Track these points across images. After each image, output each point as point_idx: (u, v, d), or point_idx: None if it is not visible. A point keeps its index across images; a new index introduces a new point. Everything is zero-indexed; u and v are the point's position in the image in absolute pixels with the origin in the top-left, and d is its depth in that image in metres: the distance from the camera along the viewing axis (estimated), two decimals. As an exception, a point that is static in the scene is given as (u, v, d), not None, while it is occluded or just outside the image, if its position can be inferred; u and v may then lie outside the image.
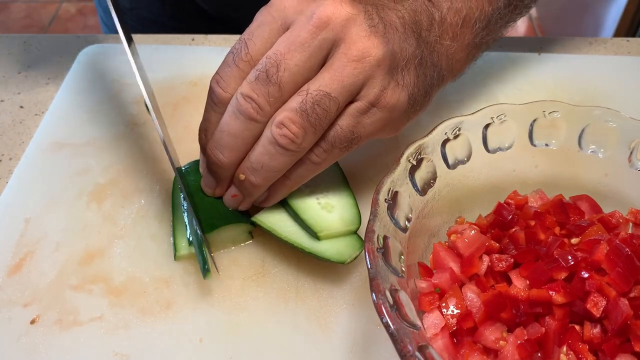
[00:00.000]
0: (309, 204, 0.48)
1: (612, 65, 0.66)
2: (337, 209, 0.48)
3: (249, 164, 0.45)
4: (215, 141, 0.46)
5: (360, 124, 0.45)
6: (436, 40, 0.48)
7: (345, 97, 0.43)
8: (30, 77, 0.67)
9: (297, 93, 0.43)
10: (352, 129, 0.44)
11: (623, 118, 0.46)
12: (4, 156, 0.59)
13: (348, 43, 0.43)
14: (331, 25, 0.42)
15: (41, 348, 0.44)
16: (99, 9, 0.93)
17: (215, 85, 0.46)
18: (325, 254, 0.46)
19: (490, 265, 0.42)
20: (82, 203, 0.53)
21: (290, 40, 0.43)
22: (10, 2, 2.62)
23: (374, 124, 0.45)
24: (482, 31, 0.51)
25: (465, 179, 0.47)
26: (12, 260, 0.49)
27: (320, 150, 0.45)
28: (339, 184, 0.51)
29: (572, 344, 0.38)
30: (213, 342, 0.44)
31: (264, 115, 0.44)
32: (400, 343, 0.33)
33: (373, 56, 0.43)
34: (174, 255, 0.49)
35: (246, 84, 0.44)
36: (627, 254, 0.38)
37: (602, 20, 1.86)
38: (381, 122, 0.45)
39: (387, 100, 0.44)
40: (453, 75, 0.52)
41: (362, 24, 0.43)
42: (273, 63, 0.43)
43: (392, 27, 0.45)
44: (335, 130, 0.44)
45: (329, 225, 0.47)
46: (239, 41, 0.45)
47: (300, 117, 0.43)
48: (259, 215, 0.48)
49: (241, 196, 0.48)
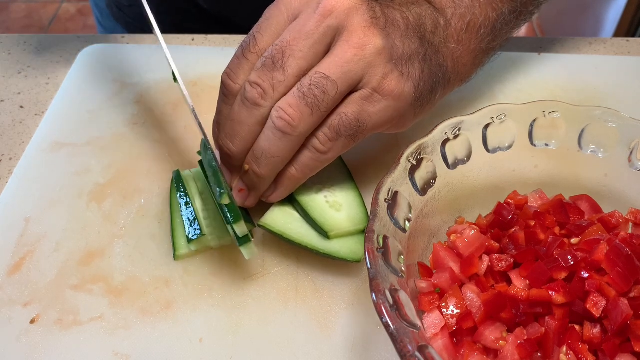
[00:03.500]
0: (317, 202, 0.48)
1: (612, 65, 0.66)
2: (345, 208, 0.48)
3: (252, 153, 0.46)
4: (225, 131, 0.46)
5: (365, 112, 0.45)
6: (441, 42, 0.48)
7: (344, 82, 0.44)
8: (30, 77, 0.67)
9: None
10: (358, 117, 0.45)
11: (623, 118, 0.46)
12: (4, 156, 0.59)
13: (350, 31, 0.44)
14: (335, 14, 0.44)
15: (41, 348, 0.44)
16: (95, 9, 0.93)
17: (225, 78, 0.47)
18: (339, 254, 0.46)
19: (490, 265, 0.42)
20: (82, 203, 0.53)
21: (296, 30, 0.44)
22: (10, 2, 2.62)
23: (379, 112, 0.45)
24: (488, 37, 0.51)
25: (465, 179, 0.47)
26: (12, 259, 0.49)
27: (325, 139, 0.45)
28: (346, 182, 0.51)
29: (572, 344, 0.38)
30: (213, 342, 0.44)
31: (267, 100, 0.44)
32: (400, 343, 0.33)
33: (373, 44, 0.44)
34: (174, 255, 0.49)
35: (254, 72, 0.45)
36: (627, 254, 0.38)
37: (602, 20, 1.86)
38: (387, 112, 0.45)
39: (392, 88, 0.45)
40: (460, 80, 0.52)
41: (364, 14, 0.45)
42: (279, 50, 0.44)
43: (394, 24, 0.46)
44: (340, 118, 0.44)
45: (339, 224, 0.47)
46: (248, 35, 0.47)
47: (297, 100, 0.43)
48: (265, 220, 0.48)
49: (247, 191, 0.48)
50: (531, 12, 0.56)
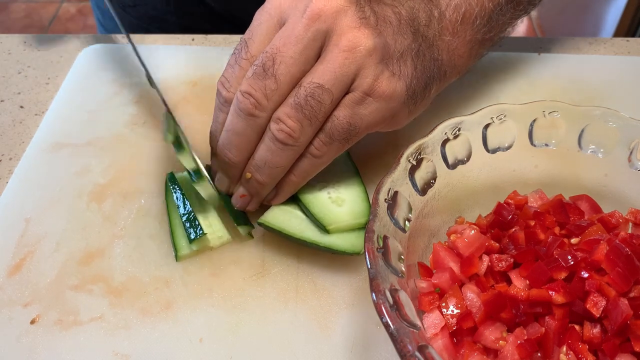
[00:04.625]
0: (319, 198, 0.48)
1: (612, 65, 0.66)
2: (348, 203, 0.48)
3: (254, 162, 0.46)
4: (223, 141, 0.47)
5: (357, 115, 0.45)
6: (435, 35, 0.48)
7: (338, 88, 0.44)
8: (30, 77, 0.67)
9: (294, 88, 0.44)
10: (350, 120, 0.45)
11: (623, 118, 0.46)
12: (4, 156, 0.59)
13: (339, 34, 0.44)
14: (323, 17, 0.44)
15: (41, 348, 0.44)
16: (96, 10, 0.93)
17: (221, 87, 0.47)
18: (339, 247, 0.46)
19: (490, 265, 0.42)
20: (82, 203, 0.53)
21: (285, 35, 0.44)
22: (10, 2, 2.62)
23: (371, 114, 0.45)
24: (484, 27, 0.51)
25: (465, 179, 0.47)
26: (12, 260, 0.49)
27: (320, 144, 0.45)
28: (351, 178, 0.51)
29: (572, 343, 0.38)
30: (213, 342, 0.44)
31: (262, 110, 0.44)
32: (400, 343, 0.33)
33: (363, 46, 0.44)
34: (175, 256, 0.49)
35: (245, 81, 0.45)
36: (627, 253, 0.38)
37: (602, 20, 1.86)
38: (379, 113, 0.45)
39: (383, 90, 0.45)
40: (457, 72, 0.52)
41: (353, 15, 0.44)
42: (269, 57, 0.44)
43: (385, 20, 0.45)
44: (333, 122, 0.45)
45: (338, 218, 0.47)
46: (240, 42, 0.47)
47: (295, 111, 0.43)
48: (265, 218, 0.48)
49: (249, 196, 0.48)
50: (531, 2, 0.55)
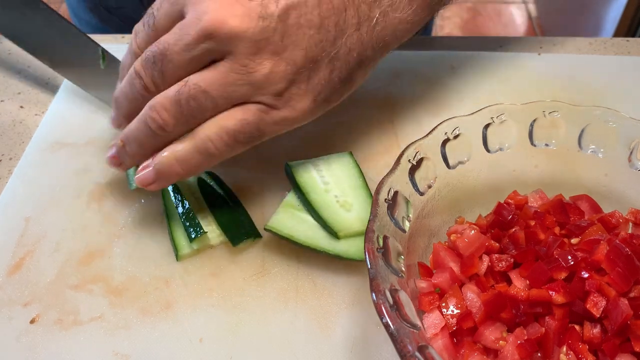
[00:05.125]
0: (328, 202, 0.48)
1: (612, 65, 0.66)
2: (356, 208, 0.48)
3: (127, 132, 0.47)
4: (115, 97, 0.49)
5: (263, 122, 0.44)
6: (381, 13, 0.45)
7: (225, 100, 0.43)
8: (30, 77, 0.67)
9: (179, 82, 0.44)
10: (257, 126, 0.44)
11: (623, 118, 0.46)
12: (4, 156, 0.59)
13: (235, 55, 0.42)
14: (215, 39, 0.41)
15: (41, 348, 0.44)
16: (74, 19, 0.91)
17: (134, 37, 0.47)
18: (347, 254, 0.46)
19: (490, 265, 0.42)
20: (82, 203, 0.53)
21: (178, 34, 0.43)
22: (10, 2, 2.61)
23: (277, 124, 0.45)
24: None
25: (465, 179, 0.47)
26: (12, 259, 0.49)
27: (221, 143, 0.44)
28: (357, 182, 0.50)
29: (572, 344, 0.38)
30: (213, 342, 0.44)
31: (149, 93, 0.45)
32: (400, 343, 0.33)
33: (260, 72, 0.42)
34: (176, 256, 0.49)
35: (138, 60, 0.45)
36: (627, 254, 0.38)
37: (602, 20, 1.86)
38: (286, 122, 0.45)
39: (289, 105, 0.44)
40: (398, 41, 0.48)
41: (251, 39, 0.41)
42: (161, 51, 0.43)
43: (300, 27, 0.42)
44: (235, 125, 0.44)
45: (349, 224, 0.47)
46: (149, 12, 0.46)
47: (173, 107, 0.43)
48: (272, 224, 0.48)
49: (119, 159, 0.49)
50: None
